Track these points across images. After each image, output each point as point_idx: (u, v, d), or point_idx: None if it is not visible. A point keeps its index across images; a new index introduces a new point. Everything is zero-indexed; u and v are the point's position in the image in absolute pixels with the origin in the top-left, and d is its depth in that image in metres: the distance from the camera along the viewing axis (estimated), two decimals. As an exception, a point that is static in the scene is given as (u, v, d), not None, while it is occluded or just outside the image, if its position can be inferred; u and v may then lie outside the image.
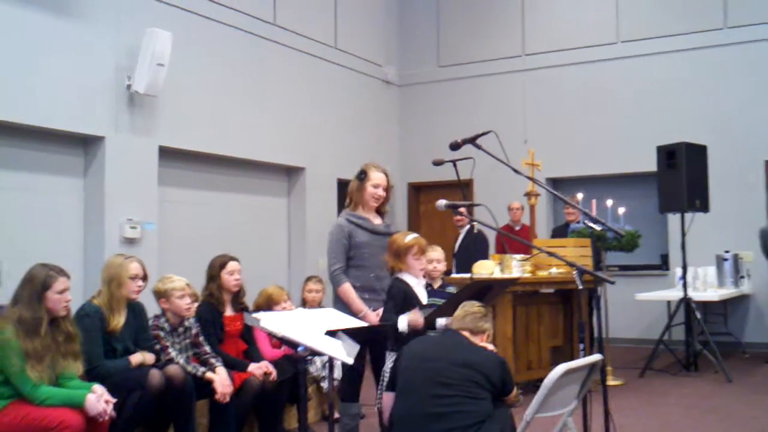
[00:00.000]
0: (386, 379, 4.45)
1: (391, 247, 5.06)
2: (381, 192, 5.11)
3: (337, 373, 5.49)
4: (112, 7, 7.68)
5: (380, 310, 4.93)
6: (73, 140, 7.54)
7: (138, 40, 7.65)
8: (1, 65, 6.68)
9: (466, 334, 4.03)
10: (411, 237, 5.05)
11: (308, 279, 6.89)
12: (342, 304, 4.89)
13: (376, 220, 5.13)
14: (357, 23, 11.53)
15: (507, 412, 3.93)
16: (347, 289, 4.91)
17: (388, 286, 4.99)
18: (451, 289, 5.10)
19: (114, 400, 4.18)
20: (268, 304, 5.95)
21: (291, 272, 10.20)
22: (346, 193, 5.26)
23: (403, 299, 4.88)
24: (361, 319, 4.74)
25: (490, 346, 4.10)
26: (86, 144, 7.65)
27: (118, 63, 7.68)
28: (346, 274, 4.94)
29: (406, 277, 5.02)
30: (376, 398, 4.63)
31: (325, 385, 6.12)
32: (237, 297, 5.66)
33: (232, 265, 5.60)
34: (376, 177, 5.11)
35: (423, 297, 5.01)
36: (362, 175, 5.11)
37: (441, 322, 4.66)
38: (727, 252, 9.64)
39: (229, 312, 5.59)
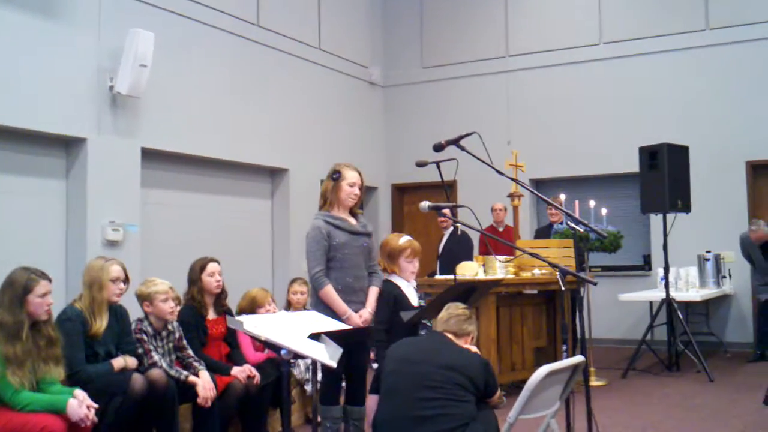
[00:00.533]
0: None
1: (384, 248, 5.09)
2: (356, 191, 5.08)
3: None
4: (95, 7, 7.64)
5: (362, 311, 4.94)
6: (55, 142, 7.49)
7: (120, 40, 7.61)
8: (-18, 67, 6.63)
9: (449, 336, 4.04)
10: (404, 239, 5.08)
11: (293, 281, 6.85)
12: (324, 307, 4.87)
13: (352, 221, 5.10)
14: (341, 24, 11.52)
15: (491, 414, 3.94)
16: (329, 291, 4.89)
17: (366, 286, 5.00)
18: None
19: (96, 406, 4.15)
20: (251, 306, 5.92)
21: (275, 274, 10.18)
22: (320, 195, 5.21)
23: (395, 304, 4.90)
24: (345, 321, 4.74)
25: (474, 348, 4.11)
26: (68, 146, 7.61)
27: (100, 64, 7.64)
28: (326, 276, 4.92)
29: (396, 280, 5.05)
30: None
31: (308, 388, 6.10)
32: (219, 299, 5.62)
33: (212, 267, 5.56)
34: (351, 176, 5.08)
35: (413, 299, 5.04)
36: (336, 175, 5.07)
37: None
38: (708, 252, 9.71)
39: (211, 315, 5.56)
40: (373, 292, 5.08)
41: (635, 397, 7.21)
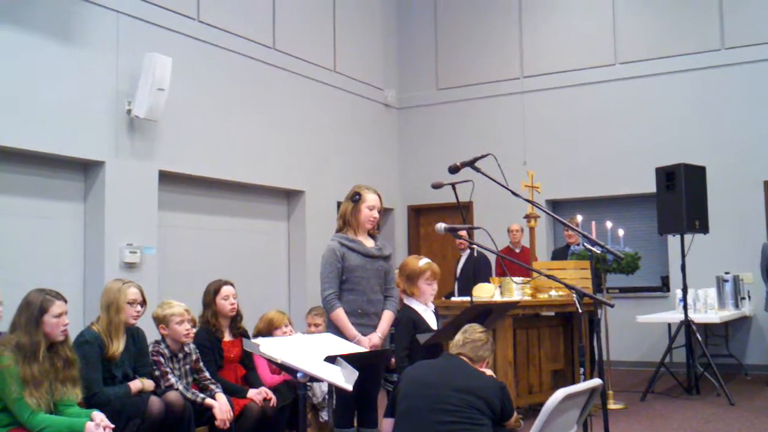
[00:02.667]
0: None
1: (404, 270, 5.08)
2: (375, 214, 5.07)
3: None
4: (113, 31, 7.73)
5: (372, 336, 4.91)
6: (73, 165, 7.55)
7: (138, 65, 7.68)
8: (2, 90, 6.71)
9: (465, 358, 4.02)
10: (424, 261, 5.07)
11: (312, 310, 6.86)
12: (335, 329, 4.86)
13: (369, 243, 5.07)
14: (356, 47, 11.59)
15: (508, 437, 3.91)
16: (340, 314, 4.87)
17: (381, 310, 4.98)
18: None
19: (113, 426, 4.15)
20: (268, 328, 5.92)
21: (291, 296, 10.19)
22: (338, 216, 5.20)
23: (414, 329, 4.88)
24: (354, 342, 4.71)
25: (490, 372, 4.08)
26: (86, 169, 7.67)
27: (118, 88, 7.71)
28: (338, 299, 4.90)
29: (414, 304, 5.03)
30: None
31: (324, 414, 6.07)
32: (235, 322, 5.63)
33: (226, 290, 5.57)
34: (370, 199, 5.06)
35: (432, 323, 5.02)
36: (356, 197, 5.05)
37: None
38: (727, 273, 9.63)
39: (227, 337, 5.57)
40: (387, 316, 5.04)
41: (654, 421, 7.13)
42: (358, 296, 4.94)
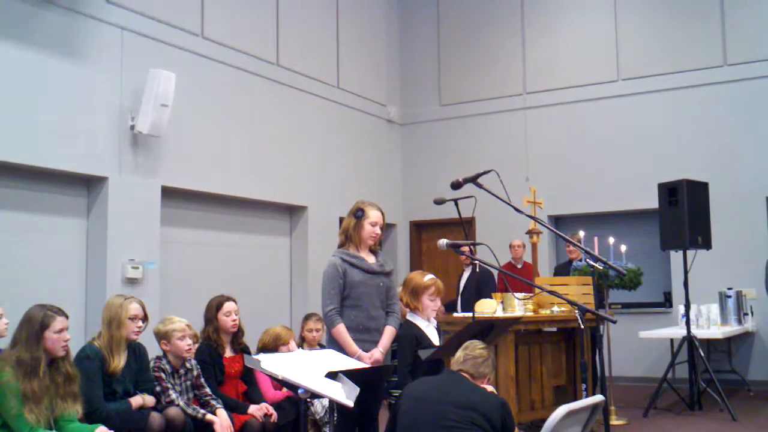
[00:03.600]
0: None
1: (408, 285, 5.08)
2: (378, 230, 5.05)
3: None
4: (116, 47, 7.77)
5: (374, 351, 4.90)
6: (76, 181, 7.57)
7: (142, 80, 7.72)
8: (5, 106, 6.74)
9: (466, 375, 4.01)
10: (429, 277, 5.08)
11: (307, 317, 6.81)
12: (336, 345, 4.85)
13: (370, 259, 5.05)
14: (359, 63, 11.63)
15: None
16: (341, 330, 4.83)
17: (382, 326, 4.96)
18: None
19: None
20: (275, 344, 5.89)
21: (293, 311, 10.18)
22: (340, 231, 5.17)
23: (417, 345, 4.88)
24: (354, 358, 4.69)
25: (490, 388, 4.07)
26: (89, 184, 7.69)
27: (121, 104, 7.74)
28: (340, 315, 4.87)
29: (417, 320, 5.03)
30: None
31: (326, 430, 6.05)
32: (236, 337, 5.63)
33: (228, 306, 5.57)
34: (373, 215, 5.04)
35: (434, 338, 5.02)
36: (359, 213, 5.03)
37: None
38: (730, 289, 9.61)
39: (228, 353, 5.57)
40: (389, 332, 5.03)
41: (657, 437, 7.11)
42: (359, 312, 4.91)
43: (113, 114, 7.68)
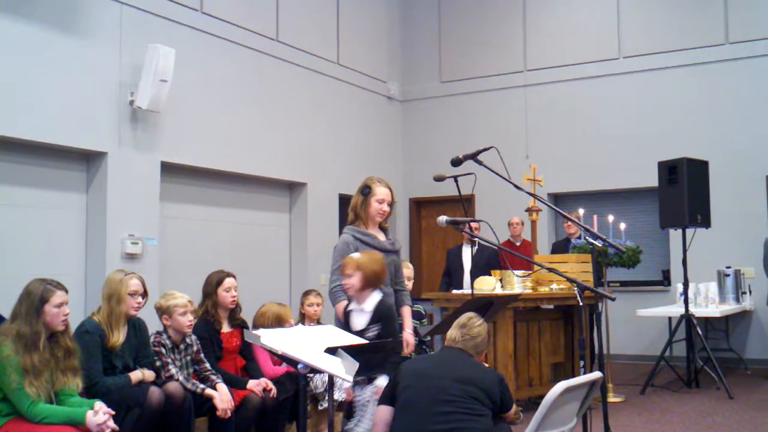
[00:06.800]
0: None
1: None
2: (386, 207, 5.01)
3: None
4: (116, 23, 7.72)
5: (405, 335, 4.83)
6: (75, 156, 7.56)
7: (141, 56, 7.68)
8: (4, 80, 6.71)
9: (463, 351, 4.02)
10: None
11: (307, 293, 6.78)
12: (338, 321, 4.82)
13: (381, 237, 5.02)
14: (359, 39, 11.57)
15: (507, 429, 3.92)
16: (342, 309, 4.77)
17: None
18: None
19: (113, 412, 4.15)
20: (281, 325, 5.84)
21: (292, 287, 10.19)
22: (349, 208, 5.13)
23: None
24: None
25: (486, 365, 4.09)
26: (89, 159, 7.68)
27: (121, 79, 7.71)
28: (344, 292, 4.79)
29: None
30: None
31: (324, 403, 6.08)
32: (233, 313, 5.64)
33: (228, 282, 5.57)
34: (380, 192, 5.00)
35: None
36: (366, 190, 5.00)
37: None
38: (728, 267, 9.63)
39: (226, 329, 5.57)
40: (407, 312, 5.00)
41: (653, 414, 7.15)
42: None
43: (113, 89, 7.66)
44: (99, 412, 4.07)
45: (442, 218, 4.63)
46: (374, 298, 4.52)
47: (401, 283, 5.11)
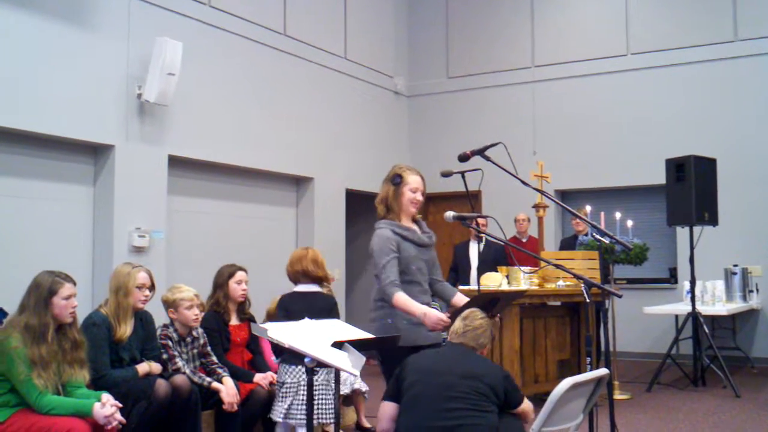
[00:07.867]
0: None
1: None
2: (419, 196, 4.67)
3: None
4: (124, 16, 7.73)
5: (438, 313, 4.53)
6: (83, 149, 7.57)
7: (149, 49, 7.69)
8: (12, 73, 6.72)
9: (467, 346, 4.01)
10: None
11: None
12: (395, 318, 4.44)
13: (419, 230, 4.68)
14: (367, 34, 11.56)
15: (518, 424, 3.92)
16: (402, 296, 4.31)
17: (429, 300, 4.63)
18: None
19: (120, 405, 4.17)
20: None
21: (299, 282, 10.17)
22: (377, 201, 4.71)
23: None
24: (423, 317, 4.25)
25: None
26: (96, 152, 7.69)
27: (128, 72, 7.72)
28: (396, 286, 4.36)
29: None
30: None
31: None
32: (242, 307, 5.66)
33: (240, 275, 5.61)
34: (413, 180, 4.65)
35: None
36: (397, 179, 4.62)
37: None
38: (735, 266, 9.60)
39: (234, 321, 5.60)
40: (462, 298, 4.65)
41: (660, 412, 7.14)
42: (412, 288, 4.46)
43: (120, 82, 7.66)
44: (106, 404, 4.08)
45: (449, 214, 4.60)
46: None
47: (440, 275, 4.80)
